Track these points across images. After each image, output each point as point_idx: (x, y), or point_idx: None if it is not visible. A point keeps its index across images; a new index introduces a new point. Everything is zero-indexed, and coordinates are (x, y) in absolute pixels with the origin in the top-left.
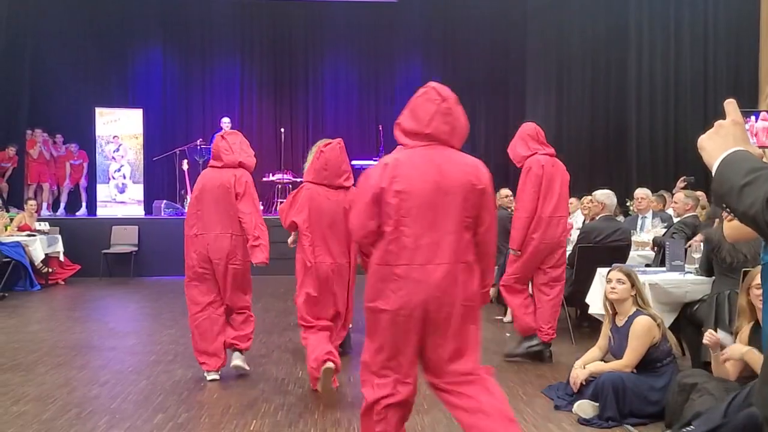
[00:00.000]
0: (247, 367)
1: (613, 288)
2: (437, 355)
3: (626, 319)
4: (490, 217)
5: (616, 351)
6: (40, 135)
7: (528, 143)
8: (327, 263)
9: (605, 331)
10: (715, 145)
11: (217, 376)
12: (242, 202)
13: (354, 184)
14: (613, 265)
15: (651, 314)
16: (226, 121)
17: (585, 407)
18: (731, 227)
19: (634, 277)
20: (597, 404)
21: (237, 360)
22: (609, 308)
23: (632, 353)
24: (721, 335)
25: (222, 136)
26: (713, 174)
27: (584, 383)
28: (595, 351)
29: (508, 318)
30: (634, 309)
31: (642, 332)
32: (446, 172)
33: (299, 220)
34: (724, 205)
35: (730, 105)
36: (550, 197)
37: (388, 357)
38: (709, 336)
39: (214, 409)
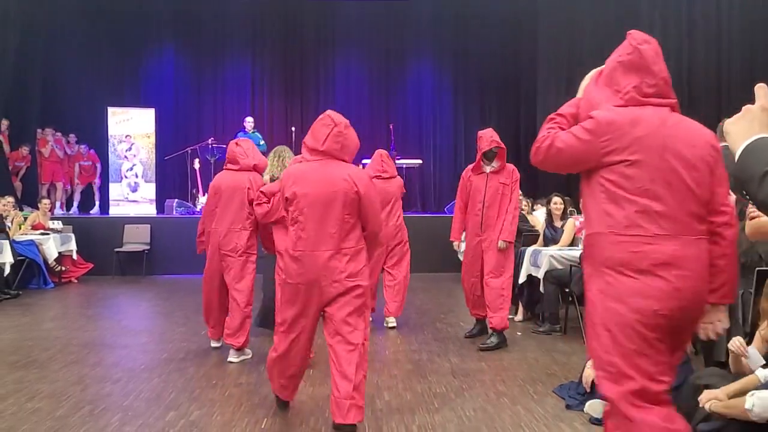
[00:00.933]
0: (246, 356)
1: None
2: (331, 315)
3: None
4: (372, 217)
5: None
6: (51, 134)
7: None
8: None
9: None
10: (740, 130)
11: (218, 345)
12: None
13: None
14: None
15: None
16: (249, 120)
17: (596, 407)
18: (754, 226)
19: None
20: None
21: (232, 356)
22: None
23: None
24: (751, 352)
25: (236, 143)
26: (736, 160)
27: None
28: None
29: (519, 317)
30: None
31: None
32: (331, 181)
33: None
34: (744, 192)
35: (761, 89)
36: None
37: (294, 315)
38: (737, 346)
39: (225, 406)
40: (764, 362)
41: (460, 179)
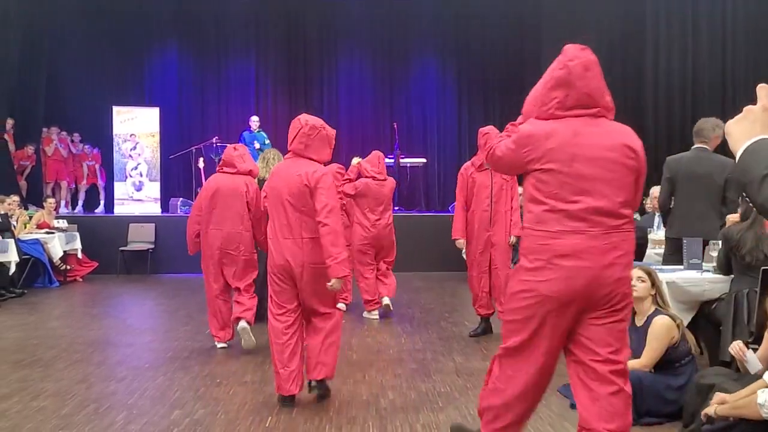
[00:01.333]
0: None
1: (633, 286)
2: (304, 298)
3: (645, 318)
4: (322, 209)
5: (634, 350)
6: (56, 133)
7: None
8: None
9: None
10: (741, 131)
11: (226, 345)
12: (254, 204)
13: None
14: (638, 261)
15: (670, 314)
16: (255, 120)
17: None
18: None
19: (654, 275)
20: None
21: (243, 324)
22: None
23: (651, 353)
24: (750, 357)
25: (234, 148)
26: (737, 161)
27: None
28: None
29: None
30: (653, 308)
31: (661, 332)
32: (292, 176)
33: None
34: (744, 194)
35: (763, 90)
36: None
37: (281, 299)
38: (737, 350)
39: (230, 405)
40: (761, 366)
41: (459, 176)
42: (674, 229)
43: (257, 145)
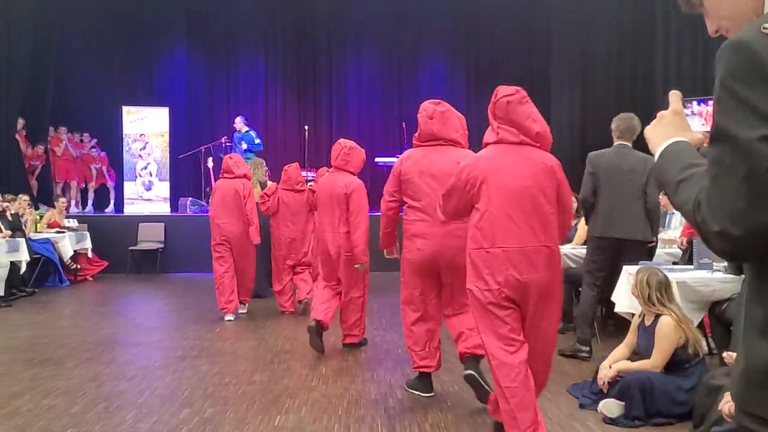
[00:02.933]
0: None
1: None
2: (341, 277)
3: (653, 318)
4: (352, 210)
5: (643, 350)
6: (64, 132)
7: None
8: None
9: (634, 327)
10: (657, 135)
11: (232, 317)
12: (247, 202)
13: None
14: (640, 263)
15: (676, 314)
16: (239, 120)
17: (610, 406)
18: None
19: (639, 276)
20: (623, 403)
21: (242, 309)
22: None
23: (659, 354)
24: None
25: (230, 157)
26: (655, 162)
27: (610, 382)
28: (622, 349)
29: None
30: (659, 309)
31: (668, 332)
32: (335, 185)
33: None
34: (664, 192)
35: (673, 95)
36: None
37: (325, 273)
38: (728, 359)
39: (239, 404)
40: None
41: None
42: (598, 228)
43: (244, 146)
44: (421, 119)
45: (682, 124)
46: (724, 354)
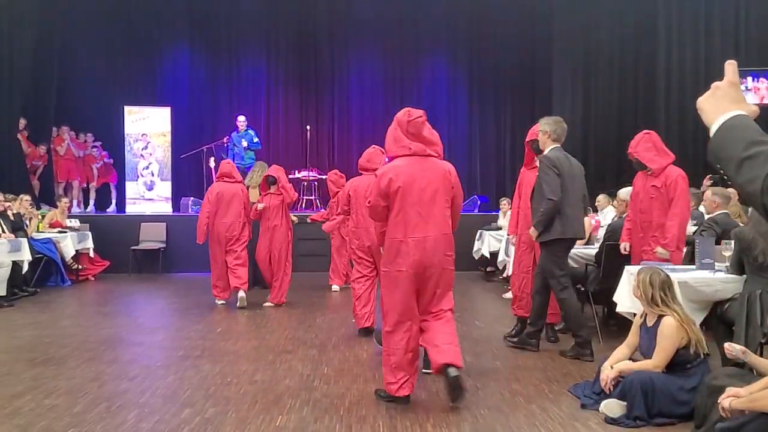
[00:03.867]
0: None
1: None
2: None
3: (655, 318)
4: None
5: (645, 351)
6: (66, 132)
7: (662, 150)
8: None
9: (635, 328)
10: (713, 107)
11: (224, 302)
12: (246, 205)
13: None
14: (641, 263)
15: (678, 315)
16: (242, 120)
17: (612, 407)
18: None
19: (640, 276)
20: (624, 404)
21: (241, 293)
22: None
23: (661, 354)
24: (737, 351)
25: (228, 162)
26: (711, 136)
27: (614, 383)
28: (623, 349)
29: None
30: (662, 309)
31: (670, 333)
32: (367, 184)
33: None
34: (719, 167)
35: (730, 66)
36: None
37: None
38: (728, 349)
39: (240, 404)
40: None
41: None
42: (557, 229)
43: (245, 144)
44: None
45: (737, 96)
46: (726, 345)
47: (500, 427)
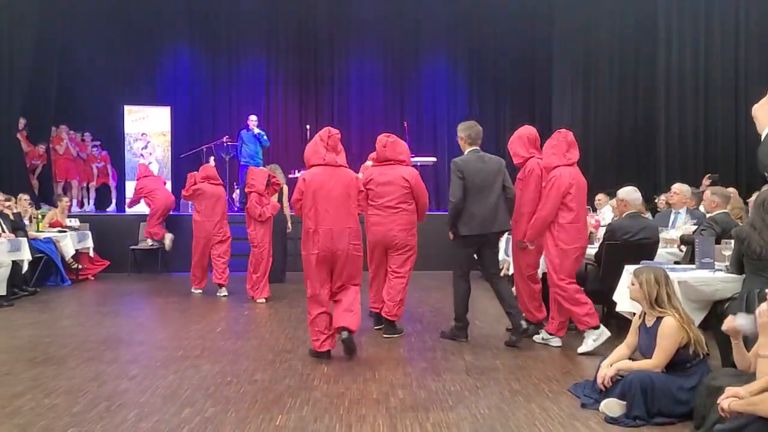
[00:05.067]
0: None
1: (628, 287)
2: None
3: (654, 319)
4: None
5: (644, 350)
6: (65, 131)
7: (527, 146)
8: None
9: (634, 327)
10: (765, 115)
11: (200, 292)
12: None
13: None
14: (641, 262)
15: (679, 314)
16: (253, 119)
17: (612, 406)
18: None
19: (641, 278)
20: (624, 403)
21: (224, 291)
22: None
23: (661, 353)
24: (740, 321)
25: (213, 167)
26: (762, 141)
27: (612, 382)
28: (622, 348)
29: None
30: (661, 310)
31: (670, 332)
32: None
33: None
34: (765, 173)
35: None
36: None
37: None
38: (728, 324)
39: (240, 403)
40: (753, 323)
41: None
42: (473, 227)
43: (261, 139)
44: (378, 147)
45: None
46: (729, 317)
47: (500, 426)
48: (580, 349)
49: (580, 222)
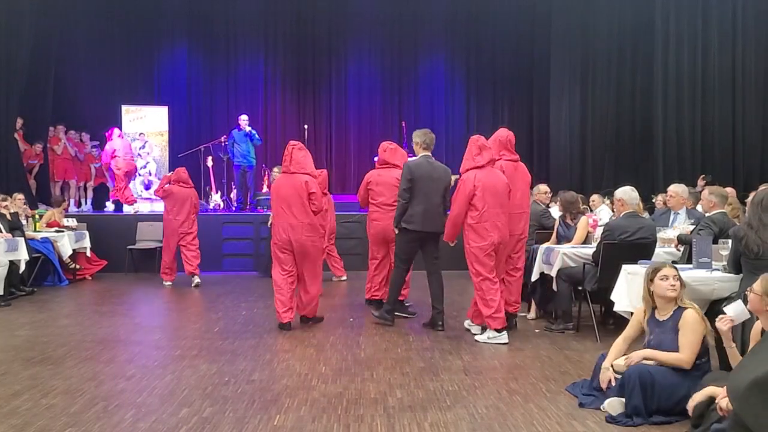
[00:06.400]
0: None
1: (673, 285)
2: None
3: (670, 314)
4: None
5: (656, 345)
6: (62, 131)
7: (499, 148)
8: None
9: (633, 323)
10: None
11: (170, 284)
12: (197, 204)
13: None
14: (639, 262)
15: (696, 308)
16: (244, 119)
17: (615, 405)
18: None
19: (680, 276)
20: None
21: (196, 279)
22: (651, 301)
23: (690, 347)
24: (731, 313)
25: (184, 171)
26: None
27: (612, 382)
28: (620, 344)
29: (531, 315)
30: (675, 306)
31: (696, 325)
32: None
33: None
34: None
35: None
36: (512, 196)
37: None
38: (722, 323)
39: (238, 403)
40: (746, 315)
41: None
42: (418, 224)
43: (249, 142)
44: (380, 152)
45: None
46: (720, 320)
47: (498, 425)
48: (477, 337)
49: (487, 221)
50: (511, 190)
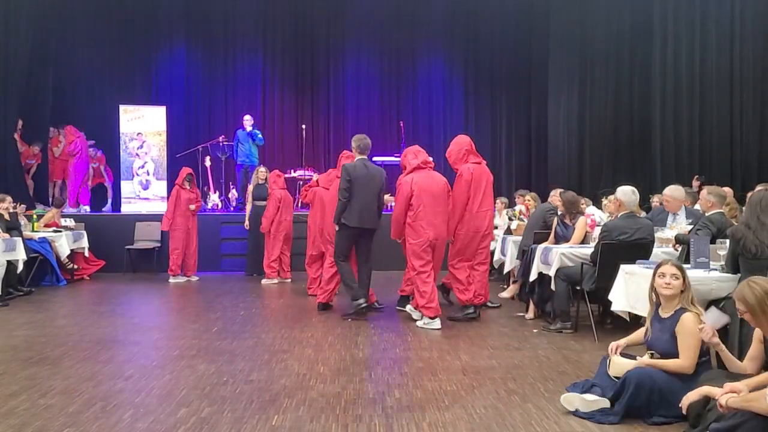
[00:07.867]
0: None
1: (668, 284)
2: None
3: (673, 312)
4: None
5: (653, 342)
6: (61, 134)
7: (464, 154)
8: None
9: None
10: None
11: (176, 280)
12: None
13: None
14: (637, 262)
15: (696, 311)
16: (248, 119)
17: (571, 399)
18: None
19: (685, 273)
20: (587, 397)
21: (193, 277)
22: (655, 299)
23: (690, 352)
24: (709, 321)
25: (191, 173)
26: None
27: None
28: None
29: (530, 315)
30: (679, 305)
31: (693, 329)
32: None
33: None
34: None
35: None
36: (477, 196)
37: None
38: (702, 334)
39: (236, 403)
40: (725, 319)
41: None
42: (354, 221)
43: (252, 142)
44: (404, 159)
45: None
46: (701, 330)
47: (496, 425)
48: (419, 323)
49: (423, 220)
50: (450, 191)
